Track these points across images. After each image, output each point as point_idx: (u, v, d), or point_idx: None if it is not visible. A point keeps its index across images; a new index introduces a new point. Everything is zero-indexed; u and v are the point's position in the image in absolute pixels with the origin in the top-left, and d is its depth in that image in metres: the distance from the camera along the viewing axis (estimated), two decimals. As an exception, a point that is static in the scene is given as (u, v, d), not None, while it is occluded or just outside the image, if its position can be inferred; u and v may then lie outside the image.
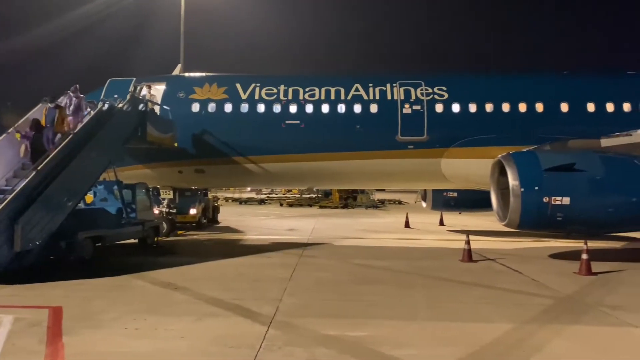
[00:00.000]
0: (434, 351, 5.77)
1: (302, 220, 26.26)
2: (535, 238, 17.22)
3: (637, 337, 6.40)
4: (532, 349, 5.80)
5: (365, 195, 42.58)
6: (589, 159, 12.01)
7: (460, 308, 7.83)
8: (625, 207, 11.84)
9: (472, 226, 22.28)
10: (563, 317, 7.26)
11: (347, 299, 8.34)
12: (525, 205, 11.59)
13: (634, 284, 9.83)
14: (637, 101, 15.03)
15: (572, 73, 17.42)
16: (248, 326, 6.67)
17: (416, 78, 15.64)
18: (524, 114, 15.03)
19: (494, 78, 16.83)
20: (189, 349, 5.77)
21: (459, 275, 10.59)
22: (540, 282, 9.83)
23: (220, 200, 39.16)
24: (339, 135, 15.19)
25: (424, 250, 15.23)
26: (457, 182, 15.99)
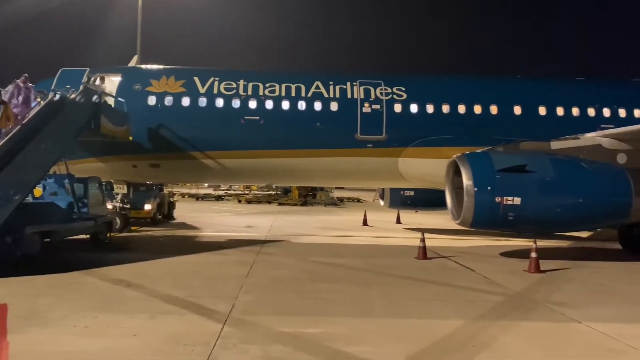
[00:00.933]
0: (388, 348, 5.85)
1: (260, 217, 26.10)
2: (488, 236, 17.73)
3: (580, 332, 6.67)
4: (481, 344, 5.97)
5: (325, 192, 42.71)
6: (539, 161, 12.47)
7: (415, 305, 7.98)
8: (573, 207, 12.35)
9: (427, 224, 22.71)
10: (512, 313, 7.50)
11: (303, 297, 8.35)
12: (478, 204, 11.92)
13: (579, 281, 10.26)
14: (585, 106, 15.68)
15: (525, 78, 18.02)
16: (203, 324, 6.58)
17: (376, 78, 15.80)
18: (479, 115, 15.43)
19: (451, 80, 17.21)
20: (141, 347, 5.64)
21: (414, 272, 10.78)
22: (491, 280, 10.12)
23: (177, 196, 38.46)
24: (298, 132, 15.16)
25: (380, 248, 15.43)
26: (414, 181, 16.26)
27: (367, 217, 23.46)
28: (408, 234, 18.96)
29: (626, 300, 8.75)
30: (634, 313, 7.81)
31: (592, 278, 10.70)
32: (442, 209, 14.90)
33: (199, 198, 44.28)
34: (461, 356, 5.58)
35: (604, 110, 15.66)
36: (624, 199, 12.42)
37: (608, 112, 15.65)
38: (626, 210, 12.50)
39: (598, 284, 10.09)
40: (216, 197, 45.51)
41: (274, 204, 39.35)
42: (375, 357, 5.49)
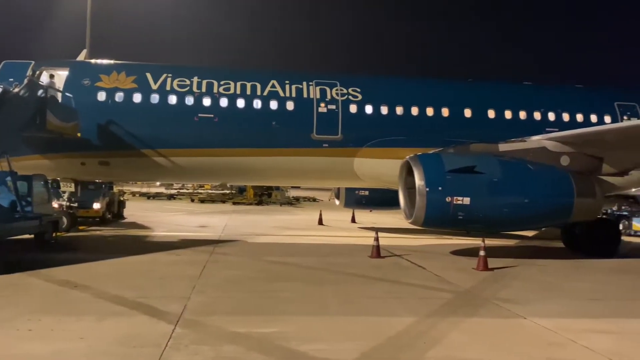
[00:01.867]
0: (341, 345, 5.90)
1: (214, 216, 25.77)
2: (439, 235, 18.18)
3: (525, 327, 6.94)
4: (432, 341, 6.11)
5: (280, 192, 42.62)
6: (487, 163, 12.89)
7: (368, 303, 8.08)
8: (519, 207, 12.83)
9: (381, 223, 23.04)
10: (461, 310, 7.72)
11: (257, 296, 8.31)
12: (429, 204, 12.21)
13: (525, 278, 10.66)
14: (531, 110, 16.31)
15: (476, 81, 18.56)
16: (153, 325, 6.44)
17: (332, 78, 15.89)
18: (431, 117, 15.78)
19: (405, 82, 17.52)
20: (88, 350, 5.46)
21: (368, 271, 10.92)
22: (442, 277, 10.38)
23: (127, 195, 37.45)
24: (254, 130, 15.05)
25: (335, 246, 15.54)
26: (369, 181, 16.46)
27: (322, 217, 23.58)
28: (362, 233, 19.18)
29: (568, 296, 9.16)
30: (575, 308, 8.19)
31: (537, 275, 11.14)
32: (396, 208, 15.15)
33: (151, 197, 43.29)
34: (413, 352, 5.70)
35: (549, 114, 16.33)
36: (567, 200, 13.00)
37: (553, 116, 16.33)
38: (569, 210, 13.09)
39: (542, 281, 10.51)
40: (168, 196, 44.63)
41: (228, 204, 38.95)
42: (329, 355, 5.53)
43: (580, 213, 13.18)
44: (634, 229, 22.22)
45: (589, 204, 13.21)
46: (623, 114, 16.61)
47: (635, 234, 21.93)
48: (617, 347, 6.06)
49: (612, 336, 6.61)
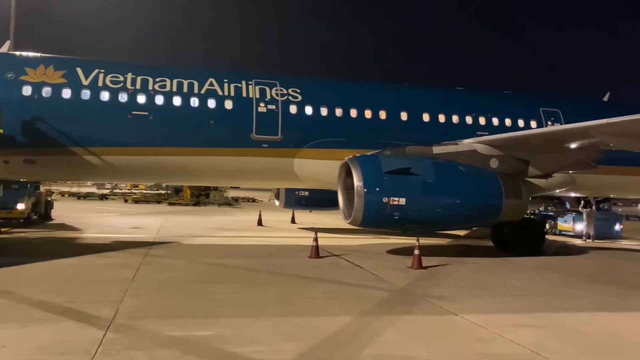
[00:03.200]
0: (278, 346, 5.91)
1: (148, 217, 25.00)
2: (376, 235, 18.55)
3: (456, 323, 7.22)
4: (367, 339, 6.23)
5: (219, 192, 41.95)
6: (422, 164, 13.29)
7: (307, 303, 8.13)
8: (451, 207, 13.33)
9: (321, 224, 23.20)
10: (396, 308, 7.92)
11: (193, 299, 8.15)
12: (367, 204, 12.44)
13: (457, 276, 11.08)
14: (463, 114, 16.97)
15: (411, 85, 19.07)
16: (83, 331, 6.16)
17: (272, 78, 15.82)
18: (369, 120, 16.05)
19: (344, 84, 17.70)
20: (11, 359, 5.15)
21: (307, 271, 10.97)
22: (378, 276, 10.60)
23: (55, 195, 35.59)
24: (191, 129, 14.71)
25: (274, 247, 15.50)
26: (309, 181, 16.52)
27: (262, 217, 23.45)
28: (302, 234, 19.24)
29: (496, 293, 9.61)
30: (502, 304, 8.62)
31: (468, 273, 11.61)
32: (336, 209, 15.31)
33: (81, 197, 41.37)
34: (349, 351, 5.78)
35: (480, 118, 17.05)
36: (496, 201, 13.64)
37: (483, 120, 17.06)
38: (498, 211, 13.75)
39: (473, 279, 10.96)
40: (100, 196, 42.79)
41: (163, 204, 37.90)
42: (266, 357, 5.51)
43: (508, 213, 13.87)
44: (559, 228, 23.67)
45: (516, 205, 13.92)
46: (547, 119, 17.62)
47: (560, 233, 23.36)
48: (539, 340, 6.42)
49: (535, 330, 7.00)
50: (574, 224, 22.67)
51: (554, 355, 5.83)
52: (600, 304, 8.87)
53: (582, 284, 10.83)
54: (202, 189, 40.72)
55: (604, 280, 11.32)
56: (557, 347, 6.20)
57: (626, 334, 7.03)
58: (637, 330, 7.26)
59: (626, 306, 8.71)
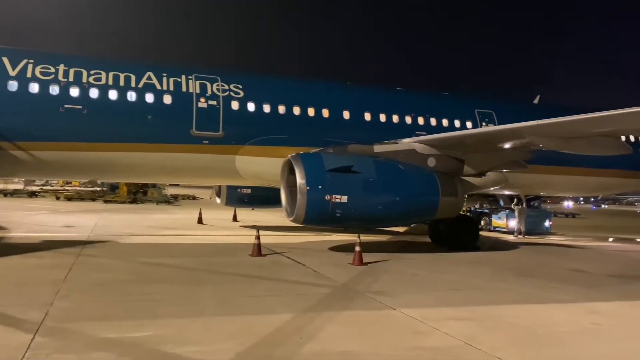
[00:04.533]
0: (218, 345, 5.82)
1: (82, 215, 23.96)
2: (318, 232, 18.67)
3: (394, 317, 7.39)
4: (308, 335, 6.27)
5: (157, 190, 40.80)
6: (363, 163, 13.50)
7: (247, 302, 8.05)
8: (391, 205, 13.62)
9: (263, 222, 23.10)
10: (337, 304, 8.00)
11: (130, 300, 7.88)
12: (310, 202, 12.50)
13: (395, 272, 11.34)
14: (403, 114, 17.37)
15: (353, 84, 19.30)
16: (9, 335, 5.82)
17: (213, 73, 15.55)
18: (312, 118, 16.11)
19: (287, 82, 17.69)
20: None
21: (248, 269, 10.88)
22: (320, 273, 10.67)
23: (-21, 192, 33.41)
24: (127, 125, 14.20)
25: (215, 246, 15.27)
26: (251, 179, 16.38)
27: (202, 215, 23.04)
28: (244, 232, 19.07)
29: (433, 287, 9.92)
30: (439, 298, 8.90)
31: (406, 268, 11.90)
32: (278, 206, 15.27)
33: (8, 194, 39.06)
34: (289, 348, 5.79)
35: (419, 118, 17.51)
36: (433, 198, 14.08)
37: (422, 120, 17.53)
38: (435, 208, 14.20)
39: (411, 274, 11.25)
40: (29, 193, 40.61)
41: (98, 202, 36.45)
42: (205, 357, 5.42)
43: (444, 210, 14.34)
44: (493, 224, 24.73)
45: (452, 202, 14.42)
46: (482, 120, 18.35)
47: (495, 229, 24.41)
48: (473, 332, 6.69)
49: (469, 322, 7.28)
50: (507, 221, 23.75)
51: (486, 346, 6.09)
52: (529, 296, 9.34)
53: (512, 277, 11.37)
54: (139, 186, 39.48)
55: (533, 274, 11.92)
56: (488, 338, 6.48)
57: (553, 324, 7.44)
58: (563, 321, 7.71)
59: (553, 298, 9.21)
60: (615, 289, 10.48)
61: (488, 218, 25.29)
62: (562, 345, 6.43)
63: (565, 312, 8.26)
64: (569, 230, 27.90)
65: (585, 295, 9.50)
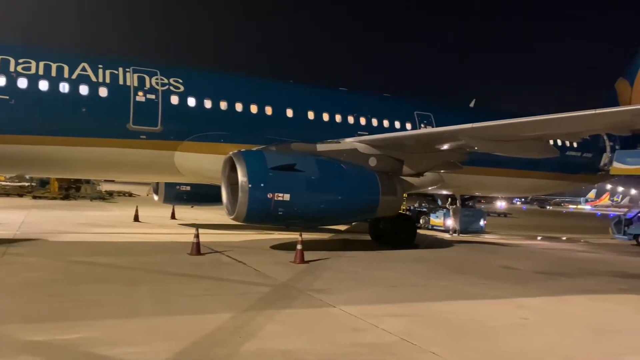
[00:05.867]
0: (154, 346, 5.67)
1: (8, 212, 22.61)
2: (260, 231, 18.56)
3: (334, 315, 7.46)
4: (248, 334, 6.22)
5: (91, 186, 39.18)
6: (306, 161, 13.54)
7: (185, 301, 7.88)
8: (333, 203, 13.75)
9: (203, 220, 22.70)
10: (277, 302, 7.98)
11: (60, 301, 7.52)
12: (251, 200, 12.40)
13: (336, 270, 11.46)
14: (346, 113, 17.57)
15: (297, 82, 19.31)
16: None
17: (151, 66, 15.07)
18: (255, 115, 15.98)
19: (229, 78, 17.42)
20: None
21: (187, 269, 10.65)
22: (260, 272, 10.61)
23: None
24: (59, 117, 13.52)
25: (152, 244, 14.85)
26: (191, 176, 16.04)
27: (139, 213, 22.32)
28: (182, 230, 18.65)
29: (372, 284, 10.09)
30: (377, 295, 9.08)
31: (347, 266, 12.06)
32: (219, 204, 15.05)
33: None
34: (228, 347, 5.72)
35: (361, 118, 17.77)
36: (374, 197, 14.33)
37: (364, 121, 17.80)
38: (375, 207, 14.46)
39: (351, 271, 11.41)
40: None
41: (27, 197, 34.55)
42: (140, 358, 5.27)
43: (384, 209, 14.64)
44: (431, 223, 25.52)
45: (391, 201, 14.75)
46: (421, 122, 18.87)
47: (432, 228, 25.18)
48: (409, 328, 6.87)
49: (406, 318, 7.47)
50: (444, 220, 24.57)
51: (421, 341, 6.27)
52: (463, 292, 9.71)
53: (447, 274, 11.77)
54: (72, 181, 37.75)
55: (466, 271, 12.40)
56: (424, 334, 6.68)
57: (485, 319, 7.77)
58: (493, 315, 8.06)
59: (484, 294, 9.62)
60: (542, 285, 11.08)
61: (426, 217, 26.07)
62: (492, 339, 6.72)
63: (495, 307, 8.65)
64: (501, 229, 29.25)
65: (514, 291, 10.00)
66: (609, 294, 10.33)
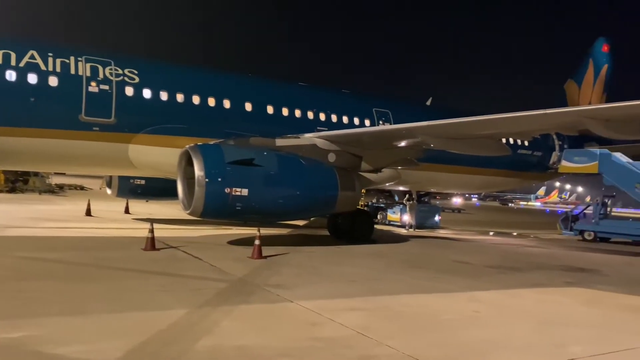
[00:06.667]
0: (104, 345, 5.49)
1: (-51, 205, 21.46)
2: (217, 226, 18.33)
3: (291, 310, 7.44)
4: (203, 331, 6.12)
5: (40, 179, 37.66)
6: (265, 156, 13.45)
7: (138, 298, 7.68)
8: (292, 199, 13.72)
9: (158, 215, 22.23)
10: (233, 298, 7.90)
11: (5, 297, 7.18)
12: (208, 195, 12.21)
13: (294, 265, 11.44)
14: (306, 109, 17.55)
15: (256, 77, 19.14)
16: None
17: (105, 56, 14.59)
18: (213, 108, 15.73)
19: (186, 70, 17.05)
20: None
21: (141, 264, 10.38)
22: (217, 267, 10.47)
23: None
24: (5, 107, 12.90)
25: (105, 239, 14.42)
26: (145, 169, 15.66)
27: (91, 207, 21.63)
28: (137, 225, 18.19)
29: (330, 279, 10.13)
30: (335, 290, 9.11)
31: (305, 261, 12.06)
32: (175, 199, 14.73)
33: None
34: (181, 344, 5.61)
35: (320, 114, 17.78)
36: (333, 192, 14.39)
37: (323, 116, 17.82)
38: (334, 202, 14.53)
39: (309, 266, 11.41)
40: None
41: (-31, 191, 32.87)
42: (90, 356, 5.10)
43: (343, 204, 14.72)
44: (389, 219, 25.86)
45: (350, 197, 14.84)
46: (379, 119, 19.06)
47: (390, 223, 25.53)
48: (366, 322, 6.94)
49: (363, 312, 7.54)
50: (401, 215, 24.95)
51: (377, 335, 6.34)
52: (418, 286, 9.89)
53: (404, 269, 11.95)
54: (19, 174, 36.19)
55: (421, 266, 12.63)
56: (380, 327, 6.76)
57: (439, 312, 7.93)
58: (447, 309, 8.24)
59: (439, 288, 9.82)
60: (493, 278, 11.41)
61: (384, 212, 26.41)
62: (445, 331, 6.87)
63: (449, 300, 8.85)
64: (455, 224, 29.97)
65: (467, 285, 10.25)
66: (557, 287, 10.74)
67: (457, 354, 5.92)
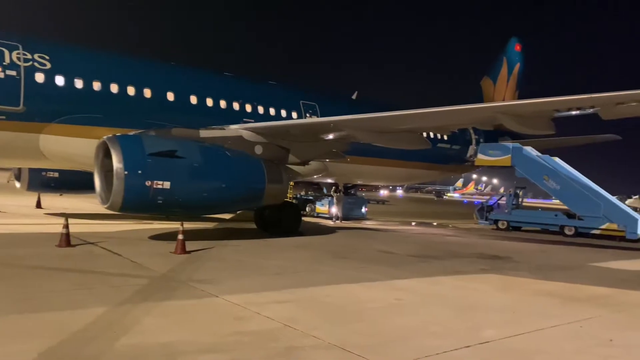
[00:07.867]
0: (15, 347, 5.12)
1: None
2: (138, 220, 17.65)
3: (217, 305, 7.32)
4: (123, 329, 5.87)
5: (-63, 171, 34.44)
6: (188, 148, 13.09)
7: (52, 297, 7.23)
8: (217, 191, 13.46)
9: (73, 209, 21.08)
10: (156, 295, 7.64)
11: None
12: (128, 188, 11.71)
13: (220, 259, 11.25)
14: (231, 100, 17.26)
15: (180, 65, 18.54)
16: None
17: (12, 39, 13.54)
18: (132, 97, 15.07)
19: (104, 56, 16.21)
20: None
21: (55, 262, 9.80)
22: (138, 263, 10.08)
23: None
24: None
25: (14, 236, 13.47)
26: (59, 161, 14.75)
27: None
28: (50, 220, 17.12)
29: (256, 273, 10.06)
30: (262, 283, 9.06)
31: (232, 255, 11.90)
32: (91, 192, 14.02)
33: None
34: (101, 344, 5.35)
35: (247, 105, 17.58)
36: (260, 185, 14.28)
37: (250, 108, 17.63)
38: (261, 195, 14.42)
39: (235, 260, 11.28)
40: None
41: None
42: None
43: (270, 197, 14.66)
44: (317, 211, 26.11)
45: (277, 189, 14.80)
46: (306, 112, 19.14)
47: (318, 215, 25.78)
48: (292, 314, 6.96)
49: (290, 305, 7.56)
50: (329, 207, 25.28)
51: (303, 326, 6.38)
52: (343, 277, 10.06)
53: (330, 260, 12.11)
54: None
55: (347, 256, 12.86)
56: (306, 318, 6.81)
57: (364, 301, 8.12)
58: (371, 298, 8.45)
59: (363, 277, 10.05)
60: (415, 267, 11.85)
61: (312, 205, 26.63)
62: (369, 320, 7.05)
63: (373, 289, 9.09)
64: (381, 215, 30.81)
65: (390, 274, 10.58)
66: (473, 274, 11.33)
67: (380, 341, 6.09)
